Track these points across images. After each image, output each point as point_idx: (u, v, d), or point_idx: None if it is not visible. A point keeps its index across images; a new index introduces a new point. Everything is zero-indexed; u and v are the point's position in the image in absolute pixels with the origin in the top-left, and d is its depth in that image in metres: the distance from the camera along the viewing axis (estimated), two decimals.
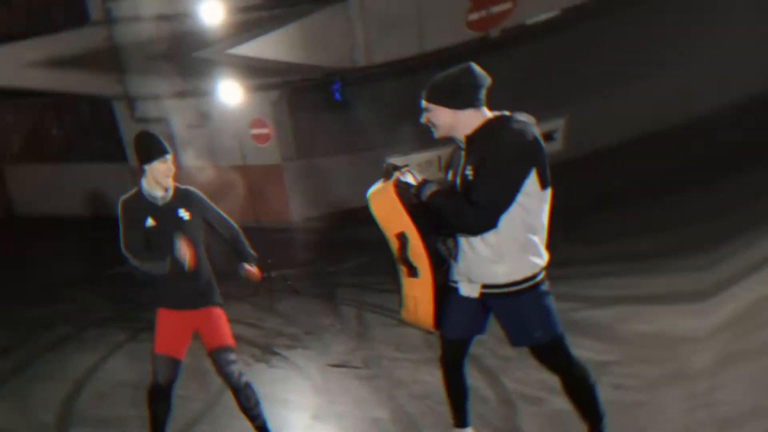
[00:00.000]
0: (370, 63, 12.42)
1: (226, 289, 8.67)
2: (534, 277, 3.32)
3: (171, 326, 4.19)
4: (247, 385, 4.41)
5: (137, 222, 4.04)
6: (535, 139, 3.13)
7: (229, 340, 4.36)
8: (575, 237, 4.96)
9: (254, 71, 12.15)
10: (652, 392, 4.24)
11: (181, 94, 14.04)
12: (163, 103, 14.43)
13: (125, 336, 7.05)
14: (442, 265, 3.50)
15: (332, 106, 16.10)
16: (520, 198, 3.14)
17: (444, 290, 3.54)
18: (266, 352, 6.57)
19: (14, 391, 5.87)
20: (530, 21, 10.75)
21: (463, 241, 3.34)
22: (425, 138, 3.61)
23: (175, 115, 14.57)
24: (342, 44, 12.31)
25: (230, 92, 9.11)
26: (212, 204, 4.39)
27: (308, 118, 14.51)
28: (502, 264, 3.27)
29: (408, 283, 3.57)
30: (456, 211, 3.21)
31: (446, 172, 3.52)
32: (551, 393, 4.30)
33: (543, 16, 10.75)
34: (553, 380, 3.55)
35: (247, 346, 6.65)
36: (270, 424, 4.62)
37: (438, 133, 3.37)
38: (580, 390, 3.47)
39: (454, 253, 3.41)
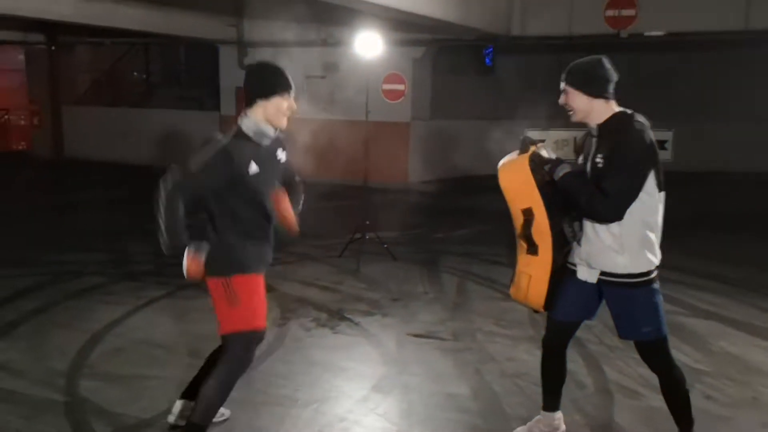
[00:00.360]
0: (523, 33, 14.29)
1: (304, 249, 9.10)
2: (649, 273, 3.78)
3: (261, 293, 4.07)
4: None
5: (240, 168, 3.83)
6: (654, 142, 3.67)
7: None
8: (677, 246, 5.56)
9: (400, 24, 12.94)
10: (735, 410, 4.80)
11: (305, 43, 15.41)
12: (281, 51, 15.62)
13: (160, 292, 7.31)
14: (564, 247, 3.92)
15: (477, 70, 18.28)
16: (641, 195, 3.65)
17: (560, 272, 3.96)
18: (334, 317, 6.68)
19: (31, 333, 6.09)
20: (647, 33, 13.57)
21: (589, 227, 3.82)
22: (564, 117, 3.97)
23: (291, 64, 15.67)
24: (500, 10, 13.93)
25: (369, 44, 9.33)
26: None
27: (449, 79, 16.56)
28: (623, 255, 3.74)
29: (525, 260, 3.99)
30: (588, 197, 3.67)
31: (577, 156, 4.02)
32: (649, 389, 4.91)
33: (654, 32, 13.57)
34: (653, 376, 4.01)
35: (313, 310, 6.82)
36: (316, 393, 4.92)
37: (574, 117, 3.87)
38: (676, 393, 3.94)
39: (578, 237, 3.86)
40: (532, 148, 3.87)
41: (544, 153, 3.89)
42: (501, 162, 4.00)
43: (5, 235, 10.24)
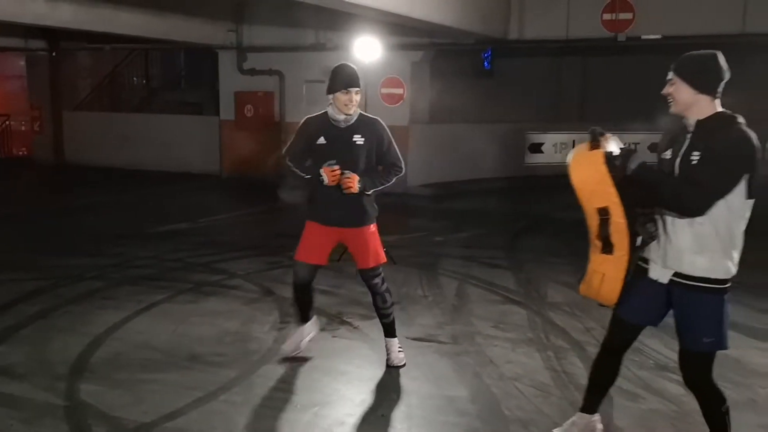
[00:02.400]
0: (520, 37, 14.33)
1: None
2: (725, 282, 3.62)
3: (314, 238, 5.37)
4: (386, 290, 5.55)
5: (311, 136, 5.23)
6: (758, 148, 3.48)
7: (371, 262, 5.46)
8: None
9: (398, 28, 12.96)
10: (734, 412, 4.63)
11: (304, 48, 15.54)
12: (280, 56, 15.96)
13: (160, 296, 7.30)
14: (639, 246, 3.74)
15: (476, 74, 18.09)
16: (731, 198, 3.47)
17: (633, 269, 3.81)
18: (333, 321, 6.65)
19: (32, 337, 6.10)
20: (645, 36, 13.53)
21: (669, 224, 3.63)
22: (563, 119, 3.73)
23: (290, 69, 16.19)
24: (498, 14, 13.99)
25: (368, 48, 9.21)
26: (391, 141, 5.35)
27: (448, 82, 16.39)
28: (702, 256, 3.57)
29: (599, 259, 3.79)
30: (672, 188, 3.53)
31: (661, 151, 3.78)
32: (649, 392, 4.90)
33: (651, 36, 13.51)
34: (653, 379, 4.08)
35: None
36: (315, 397, 4.99)
37: (674, 108, 3.67)
38: (711, 411, 3.85)
39: (656, 237, 3.69)
40: (603, 141, 3.65)
41: (614, 145, 3.67)
42: (570, 157, 3.78)
43: (6, 239, 10.25)
